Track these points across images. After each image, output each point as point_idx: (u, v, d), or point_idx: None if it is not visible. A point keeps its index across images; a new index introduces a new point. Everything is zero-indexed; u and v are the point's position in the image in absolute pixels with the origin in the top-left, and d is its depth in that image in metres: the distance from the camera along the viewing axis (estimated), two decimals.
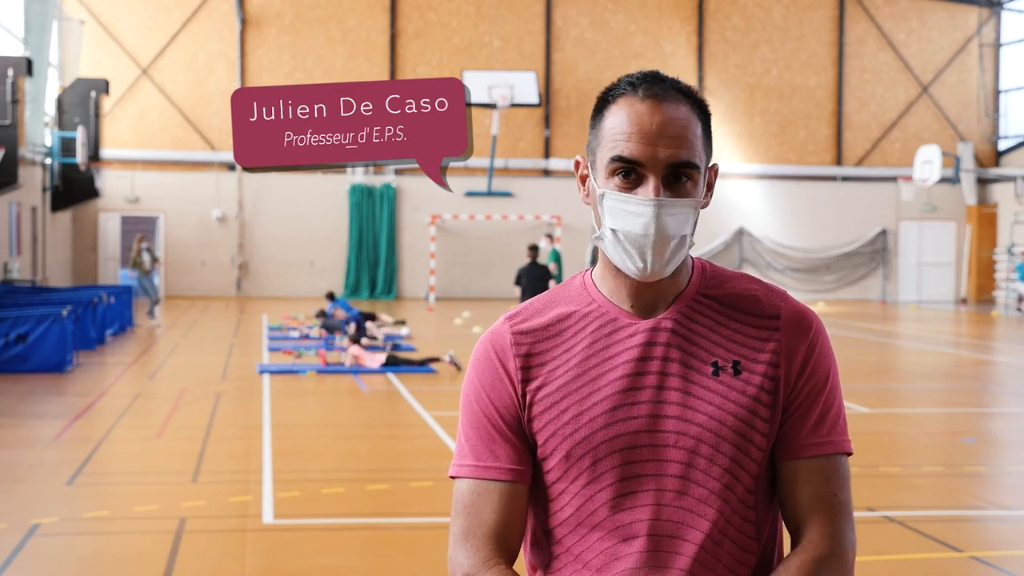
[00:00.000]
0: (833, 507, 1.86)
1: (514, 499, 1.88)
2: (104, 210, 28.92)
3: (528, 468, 1.90)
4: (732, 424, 1.83)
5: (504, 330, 1.93)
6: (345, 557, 6.05)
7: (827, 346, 1.93)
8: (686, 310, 1.89)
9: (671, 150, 1.81)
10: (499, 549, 1.87)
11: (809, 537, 1.85)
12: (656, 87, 1.85)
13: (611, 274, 1.91)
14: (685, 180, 1.84)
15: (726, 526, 1.83)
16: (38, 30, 23.19)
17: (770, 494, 1.90)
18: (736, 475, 1.83)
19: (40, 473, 8.08)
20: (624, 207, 1.82)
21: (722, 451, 1.83)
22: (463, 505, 1.90)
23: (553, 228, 29.93)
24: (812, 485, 1.86)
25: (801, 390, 1.88)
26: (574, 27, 30.75)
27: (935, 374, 14.88)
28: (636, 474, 1.83)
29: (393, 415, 11.20)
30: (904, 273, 32.00)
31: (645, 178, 1.82)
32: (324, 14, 29.89)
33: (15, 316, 13.61)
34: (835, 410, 1.90)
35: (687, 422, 1.83)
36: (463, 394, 1.96)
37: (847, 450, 1.90)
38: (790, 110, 31.66)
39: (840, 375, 1.95)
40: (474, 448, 1.91)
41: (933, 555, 6.15)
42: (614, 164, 1.83)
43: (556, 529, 1.89)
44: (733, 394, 1.85)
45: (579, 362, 1.87)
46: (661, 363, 1.86)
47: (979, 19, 32.23)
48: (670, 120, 1.82)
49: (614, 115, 1.86)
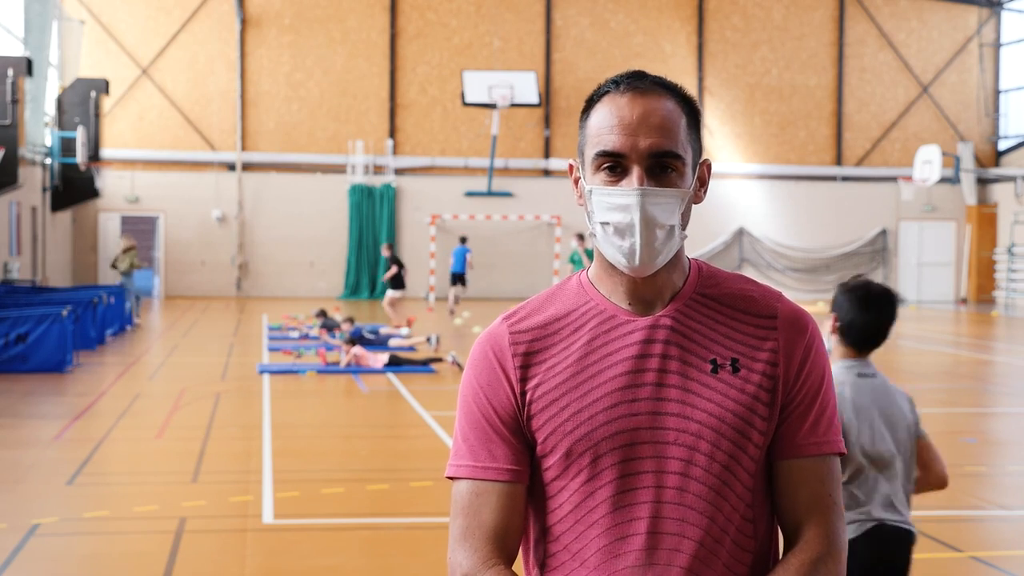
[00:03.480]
0: (828, 507, 1.88)
1: (513, 499, 1.88)
2: (104, 210, 28.92)
3: (526, 468, 1.90)
4: (731, 421, 1.84)
5: (502, 330, 1.93)
6: (345, 557, 6.05)
7: (822, 347, 1.95)
8: (684, 308, 1.90)
9: (652, 139, 1.82)
10: (498, 549, 1.87)
11: (806, 537, 1.87)
12: (637, 82, 1.86)
13: (607, 273, 1.92)
14: (670, 171, 1.84)
15: (725, 524, 1.84)
16: (38, 30, 23.19)
17: (767, 493, 1.91)
18: (735, 472, 1.84)
19: (40, 473, 8.08)
20: (609, 199, 1.83)
21: (721, 448, 1.83)
22: (461, 506, 1.89)
23: (585, 231, 29.93)
24: (809, 485, 1.88)
25: (799, 390, 1.89)
26: (574, 27, 30.75)
27: (935, 374, 14.87)
28: (636, 471, 1.83)
29: (393, 415, 11.20)
30: (904, 273, 32.00)
31: (629, 170, 1.83)
32: (324, 14, 29.88)
33: (15, 316, 13.61)
34: (830, 411, 1.92)
35: (687, 419, 1.84)
36: (461, 394, 1.96)
37: (841, 450, 1.92)
38: (790, 110, 31.66)
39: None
40: (472, 448, 1.91)
41: (933, 555, 6.15)
42: (599, 159, 1.85)
43: (554, 527, 1.89)
44: (732, 392, 1.85)
45: (578, 359, 1.87)
46: (660, 360, 1.86)
47: (979, 19, 32.23)
48: (651, 111, 1.83)
49: (597, 113, 1.87)
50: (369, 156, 29.77)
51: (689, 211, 1.88)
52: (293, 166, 29.82)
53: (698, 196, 1.92)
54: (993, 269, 31.40)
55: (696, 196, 1.91)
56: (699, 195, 1.92)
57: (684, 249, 1.94)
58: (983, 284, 31.87)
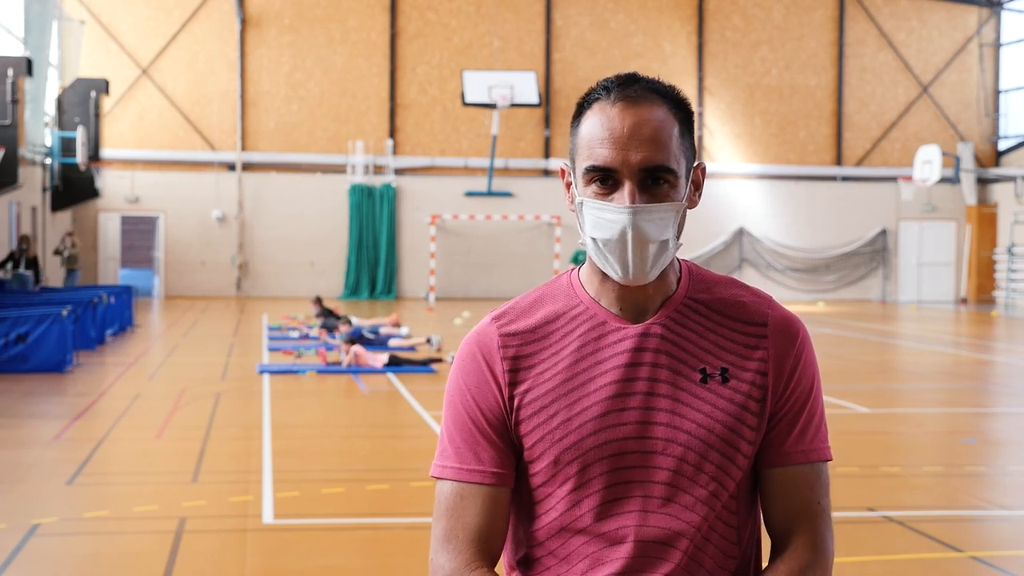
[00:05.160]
0: (816, 514, 1.88)
1: (497, 502, 1.87)
2: (104, 210, 28.93)
3: (511, 471, 1.88)
4: (720, 432, 1.83)
5: (491, 331, 1.91)
6: (345, 557, 6.05)
7: (812, 354, 1.94)
8: (675, 315, 1.88)
9: (643, 153, 1.78)
10: (481, 552, 1.85)
11: (794, 545, 1.86)
12: (629, 90, 1.82)
13: (598, 277, 1.90)
14: (663, 183, 1.81)
15: (710, 532, 1.84)
16: (38, 30, 23.19)
17: (751, 499, 1.91)
18: (722, 482, 1.83)
19: (40, 473, 8.08)
20: (601, 215, 1.81)
21: (709, 459, 1.82)
22: (445, 507, 1.88)
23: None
24: (796, 492, 1.88)
25: (788, 399, 1.88)
26: (574, 27, 30.75)
27: (935, 374, 14.87)
28: (624, 480, 1.82)
29: (393, 415, 11.20)
30: (904, 273, 32.00)
31: (621, 184, 1.80)
32: (324, 14, 29.89)
33: (15, 316, 13.61)
34: (818, 418, 1.91)
35: (676, 429, 1.83)
36: (447, 394, 1.94)
37: (829, 457, 1.92)
38: (790, 110, 31.66)
39: (840, 375, 1.97)
40: (457, 450, 1.89)
41: (933, 555, 6.15)
42: (589, 173, 1.82)
43: (539, 532, 1.88)
44: (722, 402, 1.84)
45: (568, 366, 1.86)
46: (650, 369, 1.85)
47: (979, 19, 32.23)
48: (642, 123, 1.79)
49: (588, 121, 1.84)
50: (369, 156, 29.77)
51: (683, 220, 1.86)
52: (293, 166, 29.82)
53: (692, 201, 1.89)
54: (993, 269, 31.40)
55: (691, 201, 1.89)
56: (694, 200, 1.90)
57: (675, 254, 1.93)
58: (983, 284, 31.87)
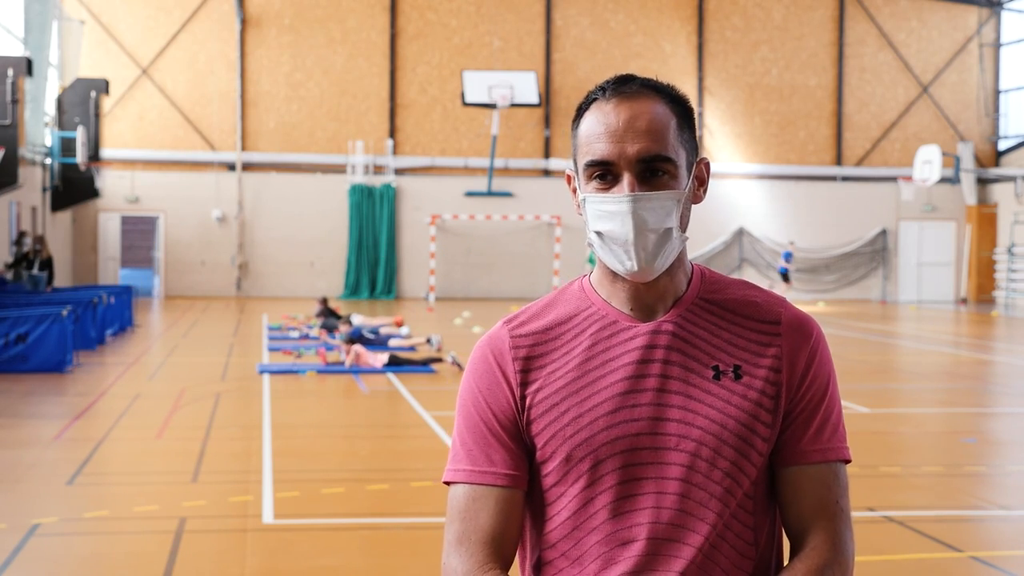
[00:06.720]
0: (834, 514, 1.86)
1: (510, 504, 1.86)
2: (104, 210, 28.93)
3: (524, 473, 1.88)
4: (734, 428, 1.82)
5: (503, 334, 1.92)
6: (345, 557, 6.05)
7: (827, 353, 1.93)
8: (686, 314, 1.89)
9: (640, 144, 1.80)
10: (494, 555, 1.85)
11: (812, 544, 1.84)
12: (624, 87, 1.84)
13: (608, 278, 1.91)
14: (662, 174, 1.82)
15: (724, 531, 1.82)
16: (38, 30, 23.20)
17: (769, 500, 1.89)
18: (736, 479, 1.82)
19: (40, 473, 8.08)
20: (602, 207, 1.83)
21: (723, 455, 1.81)
22: (458, 510, 1.87)
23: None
24: (814, 492, 1.86)
25: (803, 397, 1.87)
26: (574, 27, 30.75)
27: (935, 374, 14.87)
28: (636, 477, 1.82)
29: (393, 415, 11.20)
30: (904, 273, 32.00)
31: (620, 177, 1.82)
32: (324, 14, 29.89)
33: (15, 316, 13.61)
34: (835, 417, 1.90)
35: (688, 425, 1.82)
36: (460, 398, 1.94)
37: (847, 457, 1.90)
38: (790, 110, 31.66)
39: (840, 375, 1.96)
40: (470, 453, 1.89)
41: (933, 555, 6.15)
42: (589, 169, 1.84)
43: (552, 533, 1.87)
44: (735, 399, 1.84)
45: (579, 364, 1.86)
46: (662, 366, 1.84)
47: (979, 19, 32.24)
48: (637, 115, 1.81)
49: (586, 121, 1.86)
50: (369, 156, 29.77)
51: (688, 212, 1.86)
52: (293, 166, 29.82)
53: (697, 196, 1.90)
54: (993, 269, 31.40)
55: (695, 196, 1.89)
56: (698, 195, 1.90)
57: (687, 254, 1.93)
58: (983, 284, 31.87)
